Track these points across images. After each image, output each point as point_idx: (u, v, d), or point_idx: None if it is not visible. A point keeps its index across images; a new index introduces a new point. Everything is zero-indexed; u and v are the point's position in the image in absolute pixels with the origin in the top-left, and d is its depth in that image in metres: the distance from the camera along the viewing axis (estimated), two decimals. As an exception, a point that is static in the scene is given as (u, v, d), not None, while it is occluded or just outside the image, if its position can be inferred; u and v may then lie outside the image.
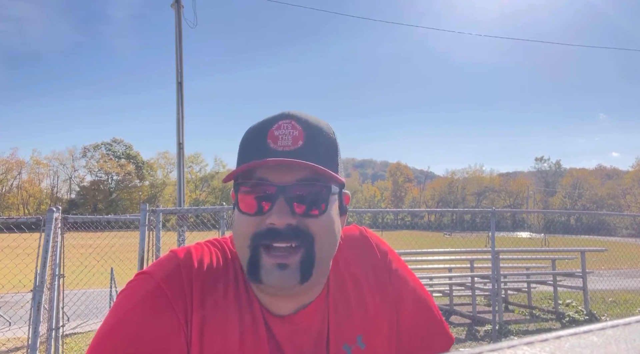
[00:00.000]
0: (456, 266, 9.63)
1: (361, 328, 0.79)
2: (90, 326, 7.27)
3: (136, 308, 0.68)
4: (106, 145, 70.26)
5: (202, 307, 0.71)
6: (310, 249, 0.69)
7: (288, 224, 0.68)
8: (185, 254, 0.76)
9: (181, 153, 8.77)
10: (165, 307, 0.69)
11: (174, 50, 9.10)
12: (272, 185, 0.69)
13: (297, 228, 0.69)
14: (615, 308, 8.66)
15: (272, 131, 0.71)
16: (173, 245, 5.50)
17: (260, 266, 0.69)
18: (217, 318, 0.72)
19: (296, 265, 0.68)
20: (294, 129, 0.71)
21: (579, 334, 0.32)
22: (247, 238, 0.70)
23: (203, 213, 5.37)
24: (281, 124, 0.71)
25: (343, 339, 0.77)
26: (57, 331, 4.59)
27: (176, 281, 0.71)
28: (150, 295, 0.69)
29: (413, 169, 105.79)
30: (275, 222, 0.68)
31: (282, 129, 0.71)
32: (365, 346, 0.78)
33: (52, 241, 4.01)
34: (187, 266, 0.73)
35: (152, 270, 0.74)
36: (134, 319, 0.67)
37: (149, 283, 0.71)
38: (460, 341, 6.32)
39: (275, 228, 0.68)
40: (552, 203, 75.74)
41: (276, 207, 0.68)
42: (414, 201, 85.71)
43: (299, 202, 0.69)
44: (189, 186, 67.04)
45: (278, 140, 0.70)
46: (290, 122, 0.71)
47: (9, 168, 62.80)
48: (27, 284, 5.20)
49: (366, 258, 0.86)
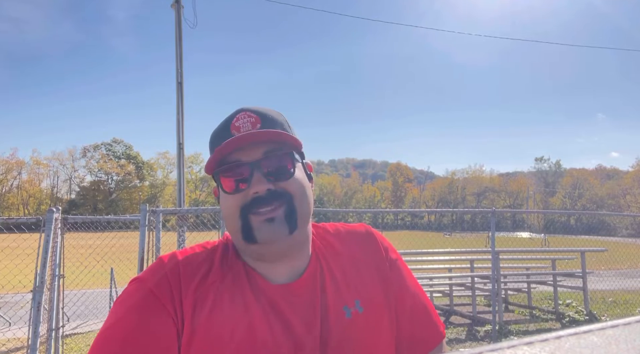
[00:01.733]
0: (456, 267, 9.63)
1: (359, 294, 0.86)
2: (90, 326, 7.27)
3: (130, 311, 0.76)
4: (106, 145, 70.29)
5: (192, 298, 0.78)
6: (291, 203, 0.80)
7: (268, 189, 0.79)
8: (170, 257, 0.84)
9: (181, 154, 8.77)
10: (157, 309, 0.76)
11: (174, 50, 9.10)
12: (246, 163, 0.80)
13: (276, 191, 0.80)
14: (615, 308, 8.65)
15: (233, 123, 0.83)
16: (173, 246, 5.50)
17: (251, 228, 0.79)
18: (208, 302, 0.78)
19: (281, 217, 0.79)
20: (251, 117, 0.83)
21: (579, 334, 0.32)
22: (237, 211, 0.80)
23: (203, 213, 5.37)
24: (239, 116, 0.84)
25: (343, 302, 0.84)
26: (57, 331, 4.59)
27: (163, 282, 0.79)
28: (141, 299, 0.77)
29: (413, 169, 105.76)
30: (257, 190, 0.79)
31: (241, 120, 0.83)
32: (363, 309, 0.84)
33: (52, 242, 4.01)
34: (172, 266, 0.82)
35: (142, 275, 0.82)
36: (128, 322, 0.75)
37: (140, 287, 0.79)
38: (460, 341, 6.32)
39: (258, 195, 0.79)
40: (552, 203, 75.74)
41: (254, 179, 0.80)
42: (414, 201, 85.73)
43: (271, 170, 0.81)
44: (189, 186, 67.04)
45: (240, 128, 0.82)
46: (246, 113, 0.84)
47: (9, 168, 62.80)
48: (27, 284, 5.20)
49: (369, 249, 0.94)
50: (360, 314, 0.83)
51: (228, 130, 0.83)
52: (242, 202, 0.80)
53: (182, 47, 9.16)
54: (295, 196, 0.81)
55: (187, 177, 63.32)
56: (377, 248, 0.94)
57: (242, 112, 0.84)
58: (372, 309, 0.85)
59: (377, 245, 0.94)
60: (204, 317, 0.76)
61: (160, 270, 0.81)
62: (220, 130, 0.85)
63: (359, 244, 0.93)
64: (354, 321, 0.82)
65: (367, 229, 0.98)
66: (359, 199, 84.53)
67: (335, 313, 0.82)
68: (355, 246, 0.93)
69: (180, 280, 0.79)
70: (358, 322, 0.83)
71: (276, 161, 0.82)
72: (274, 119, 0.85)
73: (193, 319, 0.76)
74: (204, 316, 0.77)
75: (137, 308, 0.76)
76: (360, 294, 0.86)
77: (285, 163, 0.82)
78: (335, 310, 0.82)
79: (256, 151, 0.81)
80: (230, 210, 0.81)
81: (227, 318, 0.77)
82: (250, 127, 0.82)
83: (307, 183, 0.86)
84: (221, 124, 0.86)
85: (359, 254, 0.92)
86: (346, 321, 0.82)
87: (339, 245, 0.92)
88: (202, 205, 59.77)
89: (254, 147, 0.81)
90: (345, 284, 0.86)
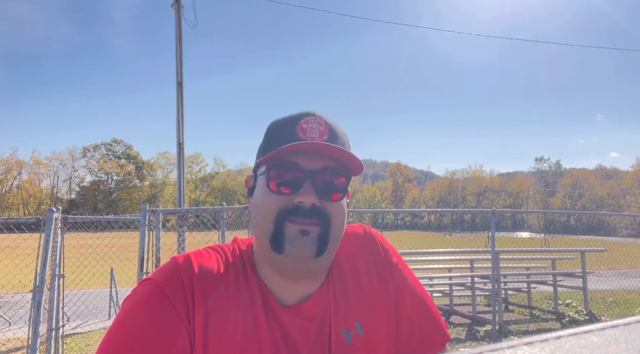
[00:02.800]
0: (456, 267, 9.63)
1: (359, 314, 0.84)
2: (90, 326, 7.27)
3: (138, 308, 0.74)
4: (106, 145, 70.27)
5: (204, 304, 0.76)
6: (327, 227, 0.78)
7: (313, 204, 0.76)
8: (185, 258, 0.81)
9: (181, 153, 8.77)
10: (166, 307, 0.74)
11: (174, 51, 9.10)
12: (302, 169, 0.77)
13: (319, 208, 0.77)
14: (615, 308, 8.66)
15: (301, 124, 0.79)
16: (173, 245, 5.50)
17: (284, 236, 0.76)
18: (220, 313, 0.76)
19: (316, 236, 0.76)
20: (320, 125, 0.80)
21: (579, 335, 0.32)
22: (273, 214, 0.77)
23: (203, 213, 5.37)
24: (309, 120, 0.80)
25: (343, 325, 0.83)
26: (57, 331, 4.59)
27: (176, 283, 0.76)
28: (151, 297, 0.75)
29: (413, 169, 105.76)
30: (303, 201, 0.76)
31: (310, 123, 0.80)
32: (364, 332, 0.83)
33: (52, 242, 4.00)
34: (187, 268, 0.79)
35: (153, 275, 0.79)
36: (137, 320, 0.73)
37: (150, 286, 0.76)
38: (460, 341, 6.32)
39: (302, 206, 0.76)
40: (552, 203, 75.73)
41: (304, 188, 0.77)
42: (414, 201, 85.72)
43: (323, 186, 0.78)
44: (189, 186, 67.03)
45: (307, 132, 0.79)
46: (316, 119, 0.80)
47: (9, 168, 62.80)
48: (27, 284, 5.20)
49: (368, 252, 0.92)
50: (360, 337, 0.83)
51: (294, 129, 0.79)
52: (282, 206, 0.77)
53: (182, 47, 9.17)
54: (333, 221, 0.79)
55: (187, 177, 63.28)
56: (377, 250, 0.93)
57: (312, 117, 0.81)
58: (372, 330, 0.84)
59: (377, 248, 0.93)
60: (217, 332, 0.75)
61: (172, 270, 0.78)
62: (285, 124, 0.81)
63: (359, 251, 0.92)
64: (354, 344, 0.82)
65: (365, 230, 0.96)
66: (359, 199, 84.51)
67: (336, 338, 0.81)
68: (355, 253, 0.91)
69: (193, 286, 0.76)
70: (358, 345, 0.82)
71: (331, 179, 0.79)
72: (340, 137, 0.82)
73: (205, 332, 0.74)
74: (216, 331, 0.75)
75: (145, 304, 0.74)
76: (361, 315, 0.84)
77: (338, 184, 0.80)
78: (336, 335, 0.82)
79: (317, 161, 0.78)
80: (268, 209, 0.78)
81: (238, 343, 0.75)
82: (318, 135, 0.79)
83: (346, 210, 0.84)
84: (287, 119, 0.82)
85: (360, 264, 0.90)
86: (345, 346, 0.81)
87: (342, 254, 0.89)
88: (202, 205, 59.78)
89: (317, 156, 0.78)
90: (346, 305, 0.85)
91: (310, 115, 0.81)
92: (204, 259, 0.81)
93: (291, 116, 0.82)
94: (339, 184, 0.80)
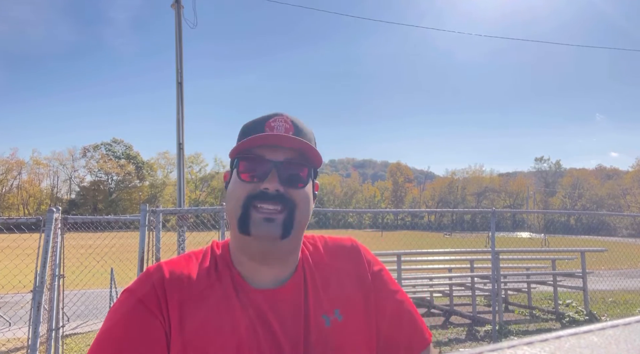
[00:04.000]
0: (456, 267, 9.64)
1: (338, 303, 0.91)
2: (90, 326, 7.27)
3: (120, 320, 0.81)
4: (106, 145, 70.26)
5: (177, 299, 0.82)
6: (292, 212, 0.86)
7: (277, 190, 0.85)
8: (156, 265, 0.88)
9: (181, 154, 8.77)
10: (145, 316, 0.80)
11: (174, 51, 9.10)
12: (268, 160, 0.87)
13: (283, 194, 0.86)
14: (615, 308, 8.66)
15: (269, 122, 0.90)
16: (173, 245, 5.50)
17: (250, 220, 0.84)
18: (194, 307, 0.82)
19: (280, 221, 0.84)
20: (286, 123, 0.90)
21: (579, 335, 0.32)
22: (241, 199, 0.86)
23: (203, 213, 5.37)
24: (276, 118, 0.90)
25: (322, 310, 0.89)
26: (57, 331, 4.59)
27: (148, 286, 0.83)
28: (131, 308, 0.81)
29: (413, 169, 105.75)
30: (268, 187, 0.85)
31: (277, 122, 0.90)
32: (342, 317, 0.89)
33: (52, 242, 4.00)
34: (157, 272, 0.86)
35: (131, 286, 0.86)
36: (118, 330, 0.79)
37: (130, 297, 0.83)
38: (460, 341, 6.33)
39: (267, 191, 0.85)
40: (552, 203, 75.71)
41: (270, 176, 0.86)
42: (414, 201, 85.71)
43: (287, 175, 0.87)
44: (189, 186, 67.01)
45: (274, 129, 0.89)
46: (282, 117, 0.91)
47: (9, 168, 62.75)
48: (27, 284, 5.21)
49: (351, 259, 0.99)
50: (339, 322, 0.88)
51: (262, 127, 0.89)
52: (249, 192, 0.86)
53: (182, 47, 9.16)
54: (298, 206, 0.87)
55: (187, 177, 63.28)
56: (360, 261, 0.98)
57: (280, 116, 0.91)
58: (351, 318, 0.89)
59: (361, 259, 0.99)
60: (191, 327, 0.80)
61: (146, 281, 0.85)
62: (254, 123, 0.91)
63: (344, 256, 0.98)
64: (333, 328, 0.87)
65: (352, 243, 1.03)
66: (359, 199, 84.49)
67: (315, 321, 0.87)
68: (340, 258, 0.98)
69: (164, 285, 0.83)
70: (337, 330, 0.87)
71: (294, 169, 0.88)
72: (305, 132, 0.91)
73: (181, 329, 0.79)
74: (190, 326, 0.80)
75: (128, 317, 0.80)
76: (340, 303, 0.90)
77: (301, 174, 0.89)
78: (315, 318, 0.87)
79: (281, 154, 0.87)
80: (237, 195, 0.87)
81: (213, 325, 0.80)
82: (284, 130, 0.89)
83: (311, 198, 0.92)
84: (257, 119, 0.92)
85: (343, 265, 0.96)
86: (326, 329, 0.87)
87: (325, 255, 0.97)
88: (202, 205, 59.77)
89: (280, 149, 0.88)
90: (325, 294, 0.91)
91: (278, 115, 0.91)
92: (174, 263, 0.88)
93: (261, 116, 0.92)
94: (302, 174, 0.89)
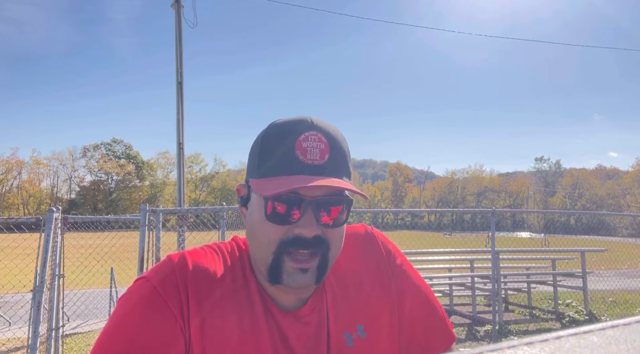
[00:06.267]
0: (456, 266, 9.63)
1: (361, 317, 0.83)
2: (90, 326, 7.28)
3: (134, 310, 0.73)
4: (106, 145, 70.23)
5: (200, 306, 0.74)
6: (326, 254, 0.75)
7: (315, 235, 0.73)
8: (180, 257, 0.78)
9: (181, 153, 8.78)
10: (162, 308, 0.73)
11: (174, 50, 9.11)
12: (302, 198, 0.72)
13: (320, 236, 0.74)
14: (615, 308, 8.66)
15: (300, 142, 0.73)
16: (173, 245, 5.51)
17: (282, 270, 0.74)
18: (218, 315, 0.75)
19: (314, 268, 0.74)
20: (320, 142, 0.74)
21: (579, 335, 0.32)
22: (273, 245, 0.74)
23: (203, 213, 5.38)
24: (308, 135, 0.74)
25: (344, 328, 0.81)
26: (57, 331, 4.59)
27: (171, 284, 0.74)
28: (147, 298, 0.73)
29: (413, 169, 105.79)
30: (304, 233, 0.73)
31: (309, 141, 0.73)
32: (366, 334, 0.82)
33: (52, 242, 4.00)
34: (182, 268, 0.76)
35: (148, 274, 0.77)
36: (132, 321, 0.72)
37: (146, 286, 0.74)
38: (460, 341, 6.33)
39: (303, 237, 0.73)
40: (552, 203, 75.70)
41: (305, 219, 0.73)
42: (414, 201, 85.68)
43: (324, 215, 0.74)
44: (189, 186, 67.01)
45: (307, 152, 0.73)
46: (316, 134, 0.74)
47: (9, 168, 62.74)
48: (27, 284, 5.21)
49: (370, 253, 0.90)
50: (362, 340, 0.81)
51: (292, 150, 0.73)
52: (281, 237, 0.73)
53: (182, 47, 9.17)
54: (333, 247, 0.76)
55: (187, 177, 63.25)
56: (378, 251, 0.90)
57: (311, 132, 0.74)
58: (375, 334, 0.82)
59: (379, 248, 0.90)
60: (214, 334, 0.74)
61: (167, 269, 0.76)
62: (282, 144, 0.74)
63: (360, 253, 0.89)
64: (356, 347, 0.80)
65: (367, 230, 0.93)
66: (359, 199, 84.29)
67: (337, 342, 0.80)
68: (357, 257, 0.88)
69: (188, 287, 0.75)
70: (360, 348, 0.80)
71: (333, 206, 0.74)
72: (341, 148, 0.77)
73: (202, 333, 0.73)
74: (214, 332, 0.74)
75: (141, 305, 0.73)
76: (363, 317, 0.83)
77: (341, 211, 0.75)
78: (337, 338, 0.80)
79: (317, 189, 0.73)
80: (267, 239, 0.74)
81: (236, 342, 0.74)
82: (319, 156, 0.73)
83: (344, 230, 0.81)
84: (284, 135, 0.75)
85: (361, 266, 0.88)
86: (346, 349, 0.80)
87: (342, 257, 0.85)
88: (202, 204, 59.77)
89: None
90: (347, 307, 0.83)
91: (308, 129, 0.74)
92: (200, 258, 0.79)
93: (288, 127, 0.75)
94: (340, 211, 0.75)
